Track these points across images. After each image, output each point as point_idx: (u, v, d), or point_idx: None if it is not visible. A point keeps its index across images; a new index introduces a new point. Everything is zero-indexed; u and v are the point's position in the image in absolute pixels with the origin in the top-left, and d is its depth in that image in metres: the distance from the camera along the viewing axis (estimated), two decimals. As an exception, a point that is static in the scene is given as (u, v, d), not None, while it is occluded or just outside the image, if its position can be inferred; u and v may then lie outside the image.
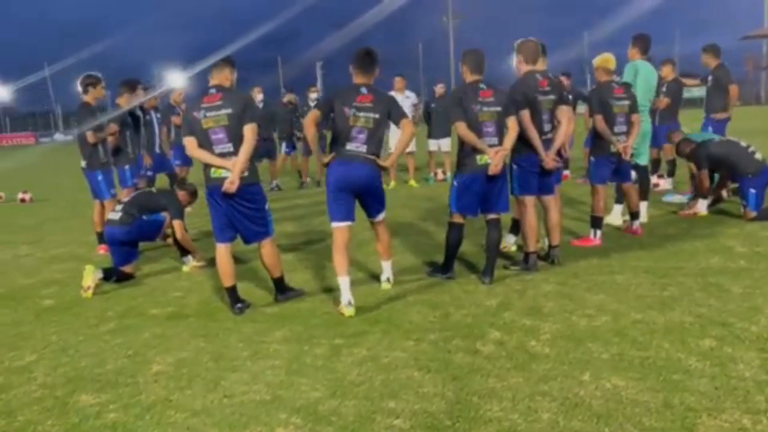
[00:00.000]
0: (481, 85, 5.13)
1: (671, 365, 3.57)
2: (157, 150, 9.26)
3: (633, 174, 6.88)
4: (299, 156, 12.80)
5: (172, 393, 3.59)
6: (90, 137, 7.13)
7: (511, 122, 5.17)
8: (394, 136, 11.37)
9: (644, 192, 7.43)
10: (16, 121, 67.58)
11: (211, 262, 6.06)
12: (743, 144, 7.31)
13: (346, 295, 4.71)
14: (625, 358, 3.71)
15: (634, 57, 7.20)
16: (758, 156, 7.16)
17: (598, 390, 3.33)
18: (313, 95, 12.59)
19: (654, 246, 6.22)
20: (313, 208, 9.69)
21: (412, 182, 11.89)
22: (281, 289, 5.12)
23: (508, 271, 5.61)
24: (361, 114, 4.71)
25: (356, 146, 4.77)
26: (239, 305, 4.89)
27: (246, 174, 4.71)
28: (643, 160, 7.44)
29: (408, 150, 11.10)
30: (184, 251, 6.30)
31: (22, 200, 12.56)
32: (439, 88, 12.08)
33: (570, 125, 5.85)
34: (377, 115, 4.75)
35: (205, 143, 4.70)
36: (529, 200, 5.56)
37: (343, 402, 3.35)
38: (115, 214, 6.09)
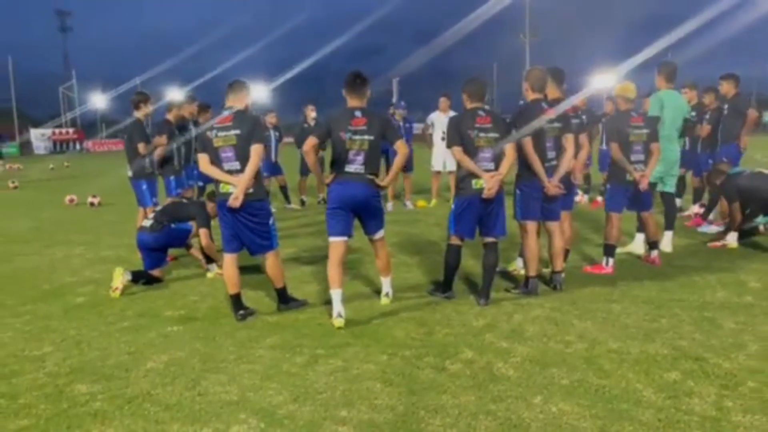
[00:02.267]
0: (480, 112, 5.30)
1: (625, 395, 3.63)
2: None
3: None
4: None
5: (154, 388, 3.93)
6: (141, 149, 7.70)
7: (509, 149, 5.32)
8: (439, 155, 11.59)
9: (670, 221, 7.36)
10: (109, 128, 71.52)
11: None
12: (773, 176, 7.14)
13: (337, 307, 4.97)
14: (583, 384, 3.79)
15: (660, 86, 7.16)
16: (788, 189, 6.97)
17: (542, 413, 3.44)
18: (312, 114, 12.52)
19: (665, 277, 6.17)
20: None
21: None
22: (284, 299, 5.43)
23: (508, 293, 5.71)
24: (357, 137, 4.97)
25: (355, 168, 5.04)
26: (241, 312, 5.22)
27: (252, 190, 5.06)
28: (670, 188, 7.37)
29: (448, 169, 11.27)
30: (209, 259, 6.71)
31: (92, 204, 13.47)
32: None
33: (583, 151, 5.97)
34: (372, 137, 5.00)
35: (216, 160, 5.08)
36: (531, 225, 5.66)
37: (301, 407, 3.60)
38: (147, 222, 6.58)
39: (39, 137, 53.02)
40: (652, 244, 6.71)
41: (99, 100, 66.58)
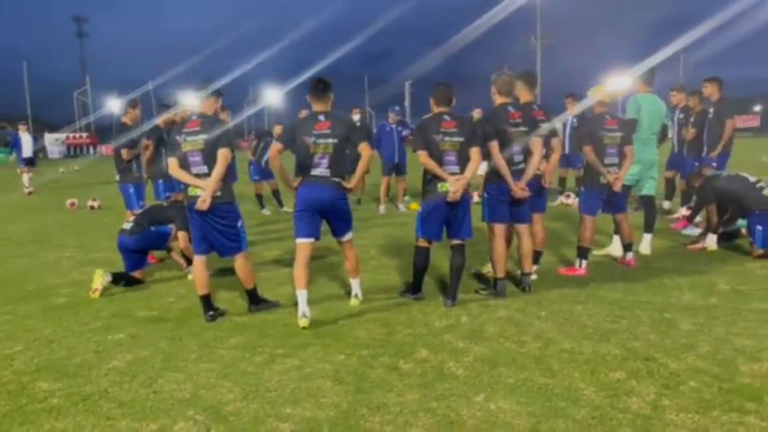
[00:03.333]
0: (445, 117, 5.38)
1: (566, 394, 3.70)
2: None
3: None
4: None
5: (112, 386, 4.05)
6: (124, 154, 7.87)
7: (474, 152, 5.39)
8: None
9: (649, 224, 7.39)
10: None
11: (216, 273, 6.61)
12: (752, 179, 7.14)
13: (302, 307, 5.07)
14: (527, 383, 3.86)
15: (639, 89, 7.20)
16: (767, 192, 6.97)
17: (481, 411, 3.52)
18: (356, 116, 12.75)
19: (637, 279, 6.21)
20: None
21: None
22: (254, 300, 5.55)
23: (477, 295, 5.78)
24: (321, 141, 5.07)
25: (320, 171, 5.14)
26: (211, 313, 5.33)
27: (219, 194, 5.18)
28: (648, 191, 7.41)
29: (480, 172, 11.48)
30: (189, 261, 6.83)
31: (92, 207, 13.69)
32: (476, 113, 12.24)
33: (555, 154, 6.06)
34: (336, 140, 5.10)
35: (185, 164, 5.21)
36: (498, 228, 5.72)
37: (249, 405, 3.70)
38: (127, 224, 6.73)
39: (53, 142, 53.87)
40: (626, 246, 6.75)
41: (113, 105, 67.31)
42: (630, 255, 6.75)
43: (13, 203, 16.00)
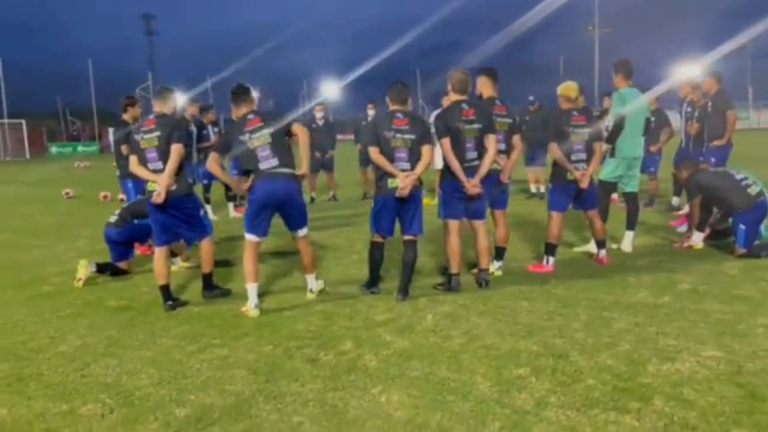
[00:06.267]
0: (398, 114, 5.48)
1: (460, 388, 3.77)
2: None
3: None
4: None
5: (49, 369, 4.34)
6: (123, 150, 8.24)
7: (425, 149, 5.47)
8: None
9: (631, 221, 7.28)
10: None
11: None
12: (738, 177, 6.93)
13: (252, 299, 5.29)
14: (429, 377, 3.94)
15: (619, 84, 7.08)
16: (752, 190, 6.75)
17: (369, 403, 3.63)
18: (318, 114, 12.96)
19: (602, 276, 6.16)
20: (325, 221, 10.33)
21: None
22: (208, 285, 5.90)
23: (434, 290, 5.86)
24: (255, 135, 5.27)
25: (268, 163, 5.30)
26: (170, 303, 5.61)
27: (174, 187, 5.46)
28: (632, 188, 7.29)
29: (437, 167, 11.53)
30: (173, 253, 7.14)
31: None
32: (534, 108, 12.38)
33: (515, 151, 6.08)
34: (271, 129, 5.31)
35: (143, 161, 5.49)
36: (453, 224, 5.77)
37: (158, 390, 3.92)
38: (113, 217, 7.08)
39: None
40: (599, 243, 6.68)
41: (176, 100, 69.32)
42: (603, 252, 6.67)
43: (52, 197, 16.77)
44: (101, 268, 6.82)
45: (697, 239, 7.21)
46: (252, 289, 5.33)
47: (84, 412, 3.67)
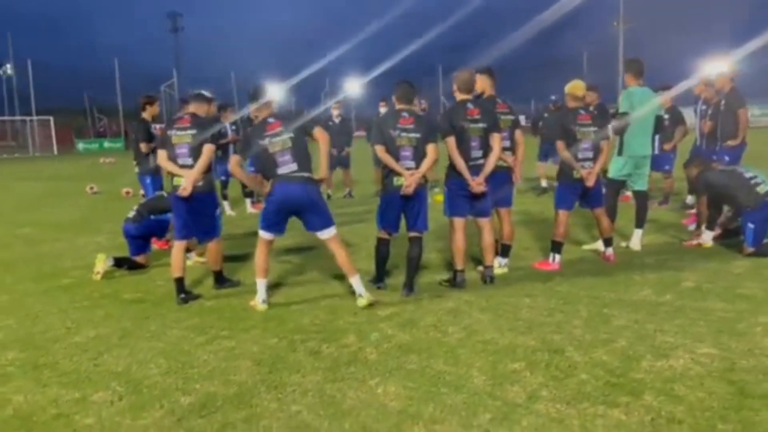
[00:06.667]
0: (404, 114, 5.59)
1: (455, 381, 3.88)
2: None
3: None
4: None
5: (64, 358, 4.53)
6: (143, 147, 8.48)
7: (430, 148, 5.58)
8: None
9: (639, 220, 7.31)
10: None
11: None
12: (747, 175, 6.92)
13: (261, 294, 5.45)
14: (426, 370, 4.06)
15: (629, 83, 7.12)
16: (761, 188, 6.74)
17: (366, 394, 3.76)
18: (335, 112, 13.08)
19: (607, 274, 6.22)
20: (340, 218, 10.47)
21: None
22: (219, 280, 6.16)
23: (440, 286, 5.96)
24: (276, 139, 5.37)
25: (287, 168, 5.39)
26: (183, 296, 5.79)
27: (200, 183, 5.77)
28: (641, 186, 7.32)
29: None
30: (188, 248, 7.33)
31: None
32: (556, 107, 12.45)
33: (520, 148, 6.17)
34: (291, 134, 5.38)
35: (172, 156, 5.81)
36: (458, 221, 5.87)
37: (165, 379, 4.08)
38: (131, 213, 7.29)
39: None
40: (606, 241, 6.73)
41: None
42: (610, 250, 6.73)
43: (77, 192, 17.12)
44: (119, 262, 7.02)
45: (707, 237, 7.22)
46: (261, 284, 5.48)
47: (95, 399, 3.85)
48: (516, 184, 6.40)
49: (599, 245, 7.18)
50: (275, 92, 5.78)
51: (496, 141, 5.79)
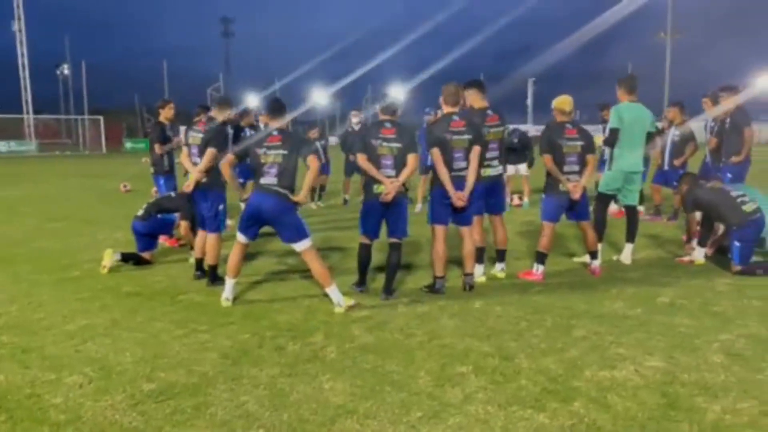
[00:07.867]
0: (386, 124, 5.83)
1: (400, 380, 4.08)
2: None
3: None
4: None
5: (51, 344, 4.89)
6: (157, 149, 8.90)
7: (411, 158, 5.79)
8: None
9: (630, 234, 7.37)
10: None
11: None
12: (734, 193, 6.93)
13: (227, 292, 5.85)
14: (377, 369, 4.27)
15: (621, 98, 7.21)
16: (747, 207, 6.74)
17: (314, 389, 3.99)
18: (354, 119, 13.23)
19: (587, 286, 6.32)
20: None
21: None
22: (212, 277, 6.52)
23: (421, 291, 6.16)
24: (271, 152, 5.62)
25: (269, 180, 5.66)
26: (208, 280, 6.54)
27: (204, 180, 6.42)
28: (632, 201, 7.38)
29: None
30: (190, 246, 7.70)
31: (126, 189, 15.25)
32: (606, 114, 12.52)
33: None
34: (286, 152, 5.61)
35: (189, 154, 6.54)
36: (439, 229, 6.06)
37: (136, 367, 4.39)
38: (140, 211, 7.69)
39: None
40: (591, 254, 6.82)
41: (248, 100, 71.64)
42: (596, 263, 6.81)
43: (111, 189, 17.80)
44: (126, 257, 7.41)
45: (699, 254, 7.24)
46: (229, 282, 5.83)
47: (67, 381, 4.17)
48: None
49: (587, 258, 7.27)
50: (287, 116, 6.04)
51: (475, 154, 5.95)
